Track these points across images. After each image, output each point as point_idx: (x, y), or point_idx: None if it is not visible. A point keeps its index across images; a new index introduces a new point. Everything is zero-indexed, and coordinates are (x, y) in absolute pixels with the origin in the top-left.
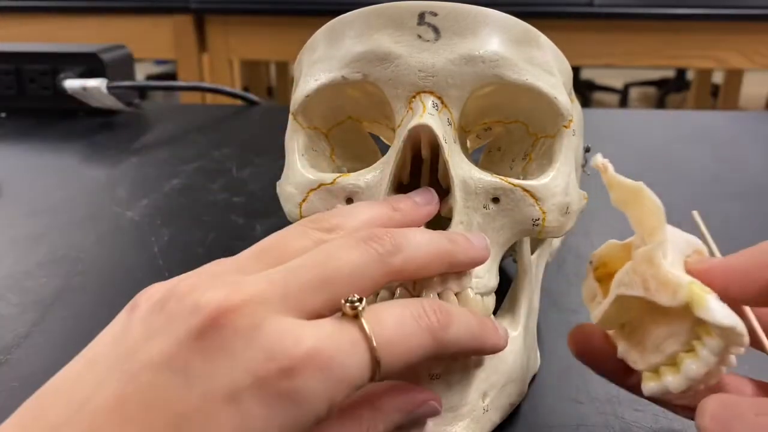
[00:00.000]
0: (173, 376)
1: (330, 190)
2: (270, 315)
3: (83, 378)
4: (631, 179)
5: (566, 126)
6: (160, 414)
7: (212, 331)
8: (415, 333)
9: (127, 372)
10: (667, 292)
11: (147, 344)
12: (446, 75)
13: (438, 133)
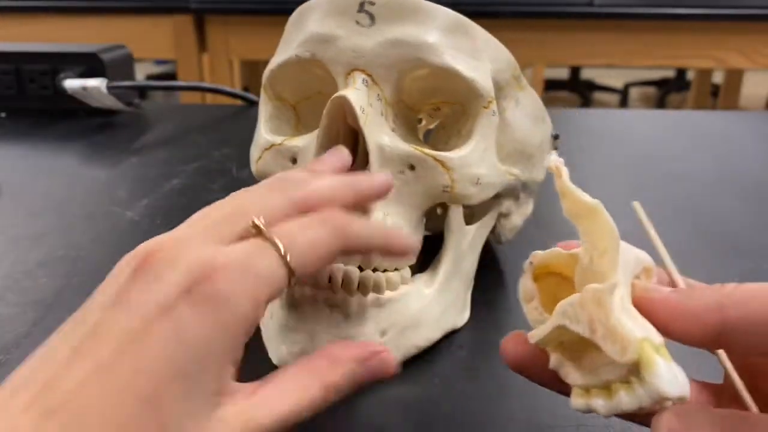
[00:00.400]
0: (118, 309)
1: (279, 150)
2: (191, 246)
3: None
4: (588, 196)
5: (485, 107)
6: (109, 342)
7: (145, 267)
8: (319, 231)
9: (80, 317)
10: (615, 344)
11: (99, 294)
12: (374, 56)
13: (354, 104)
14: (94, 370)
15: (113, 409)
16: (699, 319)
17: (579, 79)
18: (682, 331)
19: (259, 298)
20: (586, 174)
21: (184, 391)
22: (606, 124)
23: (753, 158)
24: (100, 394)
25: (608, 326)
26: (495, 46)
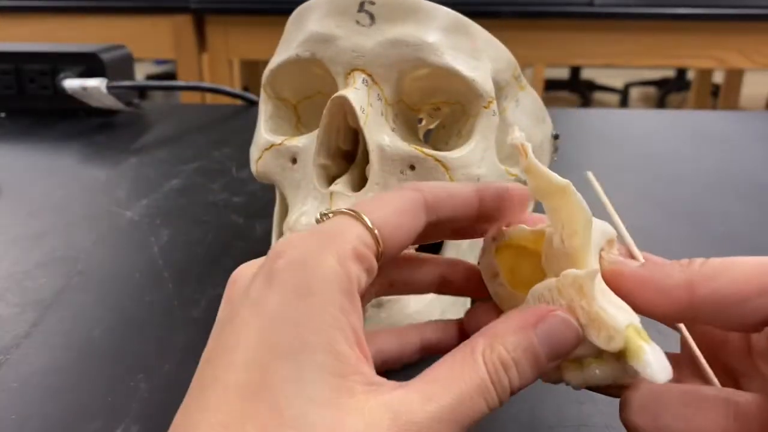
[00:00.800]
0: (219, 327)
1: (279, 150)
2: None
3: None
4: (557, 176)
5: (485, 107)
6: (211, 360)
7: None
8: (394, 192)
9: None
10: (599, 332)
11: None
12: (374, 56)
13: (355, 104)
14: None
15: (223, 404)
16: (668, 295)
17: (579, 79)
18: (650, 305)
19: (340, 252)
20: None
21: (292, 371)
22: (606, 124)
23: (753, 158)
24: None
25: (591, 314)
26: (495, 45)
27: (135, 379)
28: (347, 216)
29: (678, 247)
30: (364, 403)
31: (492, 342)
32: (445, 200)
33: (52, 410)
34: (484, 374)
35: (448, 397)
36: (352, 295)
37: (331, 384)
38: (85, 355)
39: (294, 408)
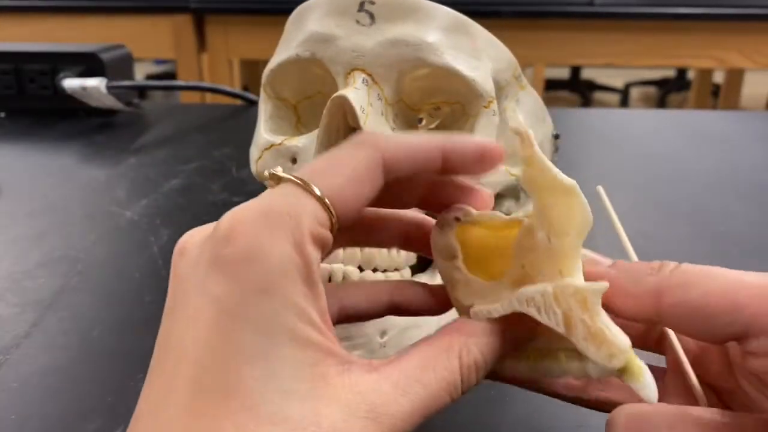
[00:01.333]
0: (167, 314)
1: (278, 150)
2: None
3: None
4: (563, 174)
5: (486, 106)
6: (162, 349)
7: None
8: (345, 151)
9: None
10: (599, 348)
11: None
12: (374, 55)
13: (354, 104)
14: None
15: (200, 407)
16: (636, 301)
17: (579, 78)
18: (619, 308)
19: (296, 237)
20: (586, 174)
21: (263, 369)
22: (606, 124)
23: (753, 158)
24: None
25: (593, 329)
26: (495, 45)
27: (135, 379)
28: (297, 188)
29: (677, 247)
30: (340, 390)
31: (468, 342)
32: (405, 159)
33: (52, 410)
34: (457, 375)
35: (422, 392)
36: (312, 281)
37: (304, 374)
38: (85, 355)
39: (270, 404)
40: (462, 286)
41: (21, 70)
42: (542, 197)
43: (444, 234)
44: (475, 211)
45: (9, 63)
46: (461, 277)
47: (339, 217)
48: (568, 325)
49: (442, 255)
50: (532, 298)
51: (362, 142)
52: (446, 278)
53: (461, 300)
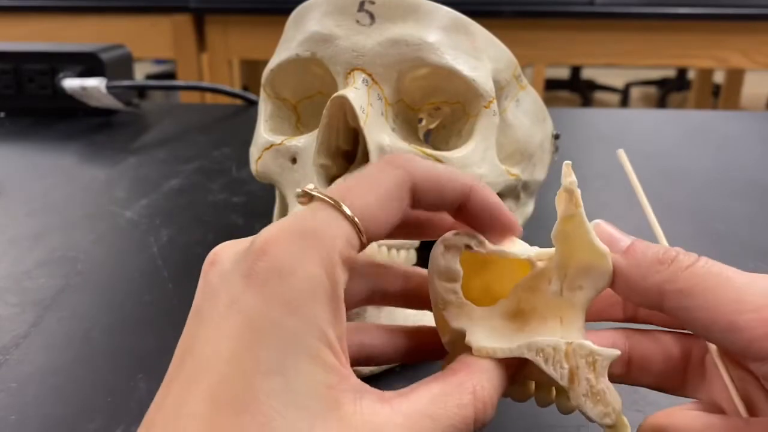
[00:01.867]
0: (192, 321)
1: (278, 149)
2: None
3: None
4: (599, 240)
5: (486, 106)
6: (188, 361)
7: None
8: (376, 173)
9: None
10: (597, 405)
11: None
12: (374, 55)
13: (354, 104)
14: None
15: (214, 418)
16: (641, 294)
17: (579, 78)
18: (625, 294)
19: (327, 258)
20: (586, 174)
21: (280, 384)
22: (607, 124)
23: (753, 158)
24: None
25: (595, 388)
26: (495, 45)
27: (135, 379)
28: (329, 207)
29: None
30: (351, 417)
31: (480, 378)
32: (432, 188)
33: (52, 410)
34: (471, 412)
35: (432, 427)
36: (336, 305)
37: (320, 394)
38: (85, 355)
39: (283, 420)
40: (454, 308)
41: (20, 70)
42: (571, 253)
43: (449, 256)
44: (489, 243)
45: (8, 63)
46: (455, 300)
47: (368, 236)
48: (572, 380)
49: (441, 277)
50: (542, 349)
51: (393, 162)
52: (438, 297)
53: (450, 320)
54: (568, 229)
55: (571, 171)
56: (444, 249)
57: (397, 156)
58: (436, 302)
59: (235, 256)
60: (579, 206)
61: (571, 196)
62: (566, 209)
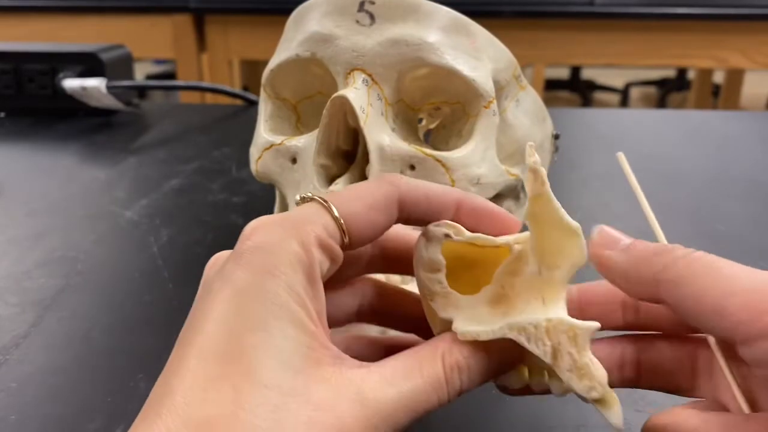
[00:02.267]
0: (197, 306)
1: (278, 150)
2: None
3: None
4: (568, 216)
5: (486, 106)
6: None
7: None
8: (366, 184)
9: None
10: (581, 380)
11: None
12: (374, 55)
13: (354, 104)
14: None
15: (200, 369)
16: (639, 285)
17: (579, 78)
18: (625, 288)
19: (303, 238)
20: (586, 174)
21: (263, 339)
22: (606, 124)
23: (753, 158)
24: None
25: (579, 363)
26: (495, 45)
27: (135, 379)
28: (318, 204)
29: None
30: (331, 374)
31: (452, 346)
32: (421, 203)
33: (52, 410)
34: (440, 373)
35: (407, 384)
36: (313, 279)
37: (301, 353)
38: (85, 355)
39: (265, 370)
40: (440, 298)
41: (20, 70)
42: (544, 232)
43: (431, 247)
44: (467, 231)
45: (9, 63)
46: (441, 290)
47: (352, 237)
48: (555, 356)
49: (425, 268)
50: (523, 328)
51: (384, 178)
52: (425, 289)
53: (437, 311)
54: (537, 210)
55: (533, 151)
56: (426, 241)
57: (389, 174)
58: (424, 294)
59: (229, 253)
60: (545, 184)
61: (536, 176)
62: (533, 189)
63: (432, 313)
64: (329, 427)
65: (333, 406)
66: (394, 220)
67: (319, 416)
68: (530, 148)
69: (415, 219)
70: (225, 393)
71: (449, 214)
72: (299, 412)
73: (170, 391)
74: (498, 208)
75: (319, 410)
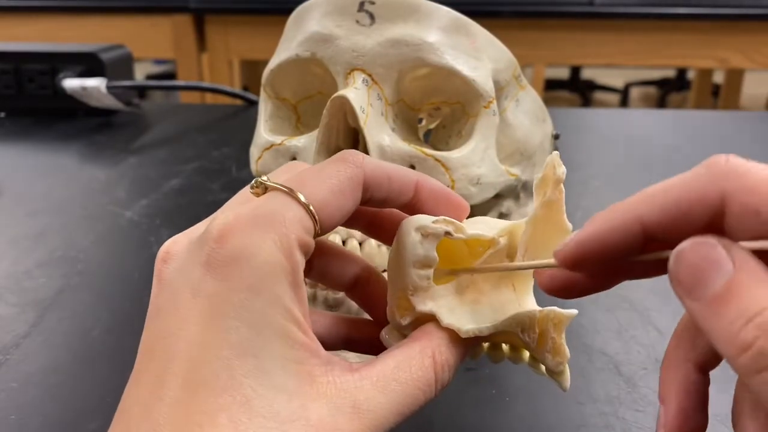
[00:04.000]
0: (152, 318)
1: (278, 150)
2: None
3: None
4: (567, 219)
5: (486, 106)
6: (152, 351)
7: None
8: (330, 166)
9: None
10: (554, 356)
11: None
12: (374, 55)
13: (354, 104)
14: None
15: (192, 402)
16: (624, 237)
17: (579, 78)
18: (611, 253)
19: (285, 242)
20: (586, 174)
21: (254, 365)
22: (606, 124)
23: (753, 158)
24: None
25: (557, 343)
26: (495, 45)
27: None
28: (284, 195)
29: None
30: (325, 388)
31: (440, 345)
32: (383, 184)
33: (52, 410)
34: (431, 374)
35: (398, 389)
36: (297, 284)
37: (293, 371)
38: (85, 355)
39: (261, 398)
40: (422, 292)
41: (21, 70)
42: (542, 232)
43: (427, 244)
44: (466, 228)
45: (9, 63)
46: (426, 285)
47: (322, 226)
48: (540, 341)
49: (418, 264)
50: (522, 320)
51: (346, 159)
52: (409, 284)
53: (416, 304)
54: (545, 212)
55: (560, 161)
56: (422, 237)
57: (350, 152)
58: (406, 287)
59: (188, 248)
60: (563, 192)
61: (557, 185)
62: (551, 195)
63: (407, 304)
64: None
65: (332, 424)
66: (359, 203)
67: None
68: (557, 158)
69: (377, 201)
70: (223, 428)
71: (409, 196)
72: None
73: (158, 423)
74: (451, 191)
75: (319, 431)
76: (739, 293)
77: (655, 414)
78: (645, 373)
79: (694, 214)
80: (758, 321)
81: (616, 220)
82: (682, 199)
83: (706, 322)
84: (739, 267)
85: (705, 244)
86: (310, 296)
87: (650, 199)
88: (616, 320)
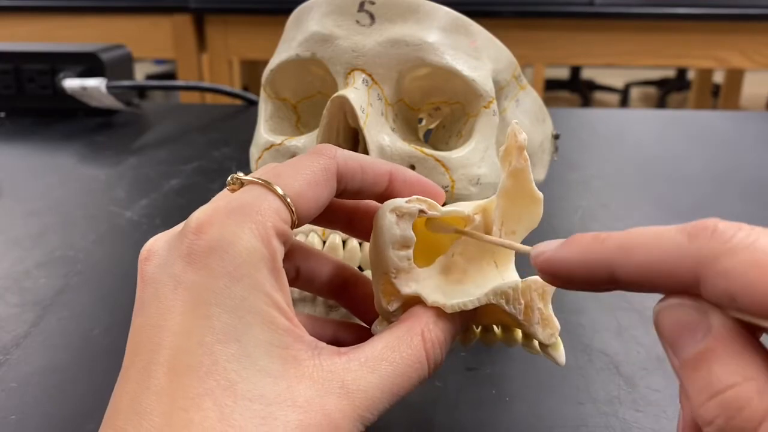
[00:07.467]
0: (137, 313)
1: (278, 150)
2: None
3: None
4: (535, 186)
5: (486, 106)
6: (139, 345)
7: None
8: (304, 158)
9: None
10: (545, 329)
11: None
12: (374, 55)
13: (354, 104)
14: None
15: (177, 388)
16: (591, 276)
17: (579, 78)
18: (577, 284)
19: (261, 231)
20: (586, 174)
21: (238, 350)
22: (606, 124)
23: (753, 158)
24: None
25: (545, 314)
26: (495, 45)
27: None
28: (261, 187)
29: None
30: (312, 370)
31: (429, 322)
32: (357, 174)
33: (52, 410)
34: (421, 351)
35: (389, 369)
36: (278, 272)
37: (277, 355)
38: (85, 355)
39: (245, 382)
40: (404, 274)
41: (21, 70)
42: (512, 203)
43: (402, 224)
44: (440, 206)
45: (9, 63)
46: (407, 266)
47: (299, 217)
48: (526, 313)
49: (396, 245)
50: (505, 292)
51: (320, 152)
52: (391, 266)
53: (400, 287)
54: (513, 182)
55: (521, 129)
56: (397, 218)
57: (324, 146)
58: (388, 271)
59: (168, 244)
60: (527, 160)
61: (521, 152)
62: (517, 163)
63: (392, 289)
64: (320, 427)
65: (320, 405)
66: (334, 193)
67: (309, 418)
68: (517, 126)
69: (351, 191)
70: (209, 411)
71: (383, 186)
72: (288, 418)
73: (145, 412)
74: (425, 178)
75: (307, 412)
76: (708, 365)
77: (655, 414)
78: (645, 373)
79: (669, 283)
80: (720, 399)
81: (587, 261)
82: (659, 266)
83: (682, 379)
84: (715, 335)
85: (681, 307)
86: (310, 298)
87: (626, 254)
88: (616, 320)
